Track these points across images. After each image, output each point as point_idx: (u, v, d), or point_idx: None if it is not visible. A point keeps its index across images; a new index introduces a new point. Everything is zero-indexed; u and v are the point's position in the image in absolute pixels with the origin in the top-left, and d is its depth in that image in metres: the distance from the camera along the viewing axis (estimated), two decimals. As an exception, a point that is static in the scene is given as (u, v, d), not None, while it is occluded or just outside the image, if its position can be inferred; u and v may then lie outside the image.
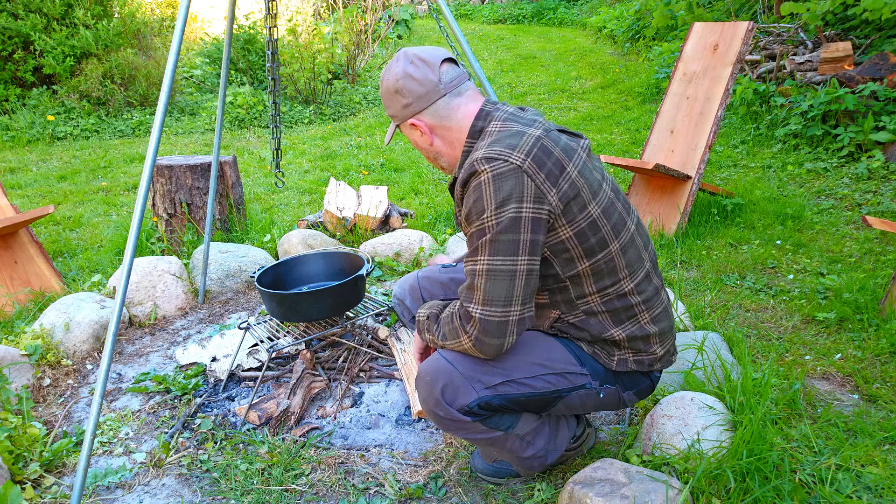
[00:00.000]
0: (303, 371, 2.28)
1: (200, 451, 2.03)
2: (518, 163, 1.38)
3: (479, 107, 1.54)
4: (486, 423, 1.56)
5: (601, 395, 1.60)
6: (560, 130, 1.55)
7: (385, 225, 3.93)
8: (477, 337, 1.44)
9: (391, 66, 1.54)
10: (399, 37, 12.05)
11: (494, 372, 1.52)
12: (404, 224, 3.96)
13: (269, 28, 2.22)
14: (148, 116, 7.51)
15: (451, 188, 1.66)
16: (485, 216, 1.38)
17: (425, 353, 1.77)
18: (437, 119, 1.54)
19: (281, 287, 2.42)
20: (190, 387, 2.36)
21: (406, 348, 2.40)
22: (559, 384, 1.55)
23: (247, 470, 1.92)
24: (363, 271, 2.27)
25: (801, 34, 5.84)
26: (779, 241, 3.46)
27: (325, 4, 10.82)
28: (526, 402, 1.56)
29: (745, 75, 5.99)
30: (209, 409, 2.26)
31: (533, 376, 1.53)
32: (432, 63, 1.51)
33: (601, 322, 1.55)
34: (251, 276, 2.31)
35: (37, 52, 7.04)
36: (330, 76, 7.87)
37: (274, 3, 2.21)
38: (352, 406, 2.24)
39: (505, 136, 1.45)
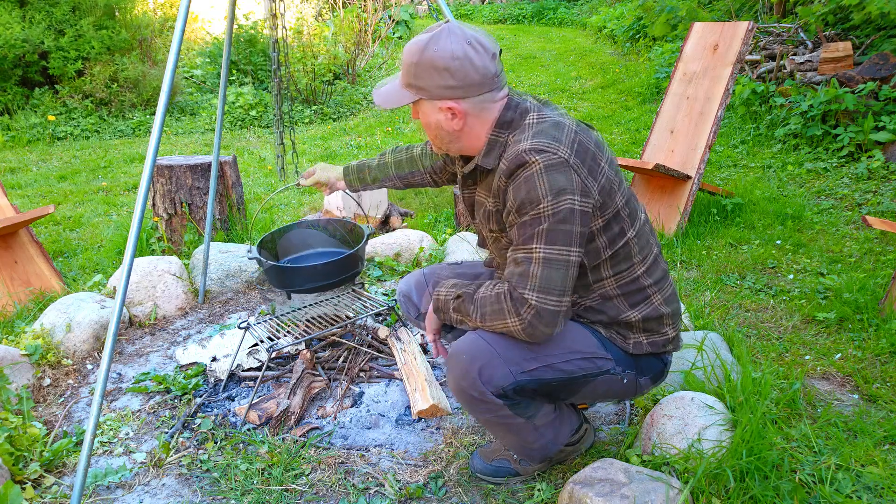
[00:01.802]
0: (303, 371, 2.28)
1: (200, 451, 2.03)
2: (566, 157, 1.40)
3: (507, 97, 1.52)
4: (514, 409, 1.57)
5: (624, 381, 1.62)
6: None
7: (385, 225, 3.93)
8: (531, 322, 1.43)
9: (443, 40, 1.43)
10: (399, 37, 12.05)
11: (531, 356, 1.53)
12: (404, 224, 3.96)
13: (275, 28, 2.21)
14: (148, 116, 7.51)
15: (468, 176, 1.64)
16: (541, 206, 1.38)
17: (439, 332, 1.79)
18: (477, 109, 1.49)
19: (278, 256, 2.41)
20: (190, 387, 2.36)
21: (406, 348, 2.40)
22: (588, 369, 1.57)
23: (247, 470, 1.92)
24: (365, 236, 2.26)
25: (801, 34, 5.84)
26: (779, 241, 3.46)
27: (326, 5, 10.82)
28: (557, 387, 1.57)
29: (745, 75, 5.99)
30: (209, 409, 2.26)
31: (566, 360, 1.55)
32: (493, 53, 1.47)
33: (616, 305, 1.58)
34: (247, 253, 2.24)
35: (49, 57, 7.04)
36: (331, 76, 7.87)
37: (280, 2, 2.20)
38: (352, 406, 2.25)
39: (547, 128, 1.45)
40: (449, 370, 1.59)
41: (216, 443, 2.06)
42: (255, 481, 1.88)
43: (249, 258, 2.18)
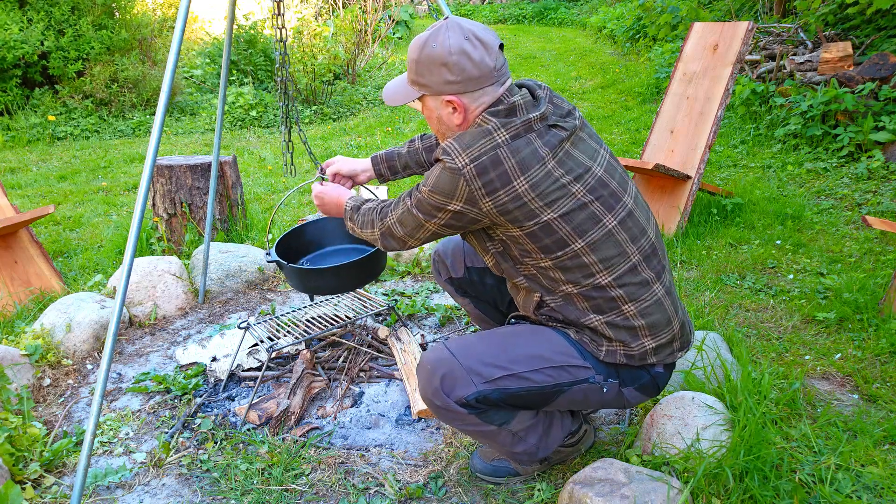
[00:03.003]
0: (303, 371, 2.28)
1: (200, 451, 2.04)
2: (459, 166, 1.45)
3: (500, 96, 1.52)
4: (481, 417, 1.58)
5: (605, 390, 1.59)
6: (552, 126, 1.50)
7: (385, 225, 3.93)
8: (383, 233, 1.68)
9: (441, 36, 1.46)
10: (399, 37, 12.05)
11: (495, 366, 1.53)
12: (404, 224, 3.96)
13: (279, 29, 2.19)
14: (148, 116, 7.51)
15: None
16: (422, 187, 1.54)
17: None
18: (476, 103, 1.51)
19: (297, 256, 2.36)
20: (190, 387, 2.36)
21: (406, 348, 2.41)
22: (560, 378, 1.55)
23: (247, 470, 1.92)
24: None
25: (801, 34, 5.84)
26: (779, 241, 3.46)
27: (326, 5, 10.82)
28: (526, 397, 1.56)
29: (744, 75, 5.99)
30: (209, 409, 2.26)
31: (534, 370, 1.54)
32: (491, 47, 1.48)
33: (579, 309, 1.56)
34: (266, 256, 2.19)
35: (49, 57, 7.03)
36: (331, 77, 7.87)
37: (281, 3, 2.18)
38: (352, 406, 2.25)
39: (471, 134, 1.49)
40: (418, 379, 1.62)
41: (216, 443, 2.06)
42: (255, 481, 1.88)
43: (269, 261, 2.14)
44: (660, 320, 1.56)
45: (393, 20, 10.57)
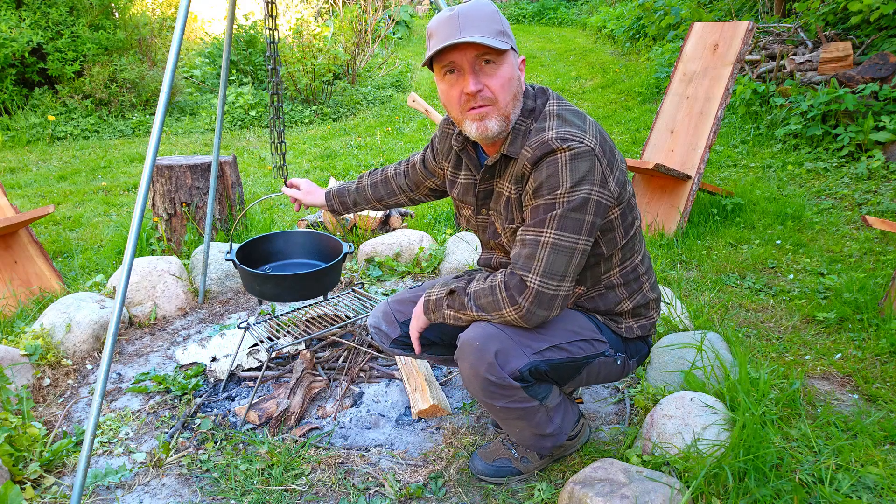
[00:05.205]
0: (303, 371, 2.28)
1: (200, 451, 2.03)
2: (592, 145, 1.42)
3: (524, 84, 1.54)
4: (529, 391, 1.58)
5: (617, 363, 1.69)
6: None
7: (385, 225, 3.93)
8: (528, 308, 1.45)
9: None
10: (399, 37, 12.05)
11: (539, 338, 1.56)
12: (404, 224, 3.96)
13: (270, 30, 2.20)
14: (148, 116, 7.51)
15: (487, 170, 1.59)
16: (558, 192, 1.40)
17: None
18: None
19: (259, 261, 2.43)
20: (190, 387, 2.35)
21: (406, 348, 2.40)
22: (588, 350, 1.62)
23: (247, 470, 1.92)
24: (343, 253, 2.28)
25: (801, 34, 5.84)
26: (779, 241, 3.46)
27: (326, 5, 10.82)
28: (564, 368, 1.60)
29: (745, 75, 5.99)
30: (209, 409, 2.26)
31: (570, 342, 1.59)
32: None
33: (617, 295, 1.66)
34: (226, 255, 2.25)
35: (47, 58, 7.02)
36: (331, 77, 7.87)
37: (273, 5, 2.20)
38: (352, 406, 2.25)
39: (570, 116, 1.48)
40: (463, 359, 1.54)
41: (216, 443, 2.06)
42: (255, 481, 1.88)
43: (226, 259, 2.21)
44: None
45: (393, 20, 10.57)
